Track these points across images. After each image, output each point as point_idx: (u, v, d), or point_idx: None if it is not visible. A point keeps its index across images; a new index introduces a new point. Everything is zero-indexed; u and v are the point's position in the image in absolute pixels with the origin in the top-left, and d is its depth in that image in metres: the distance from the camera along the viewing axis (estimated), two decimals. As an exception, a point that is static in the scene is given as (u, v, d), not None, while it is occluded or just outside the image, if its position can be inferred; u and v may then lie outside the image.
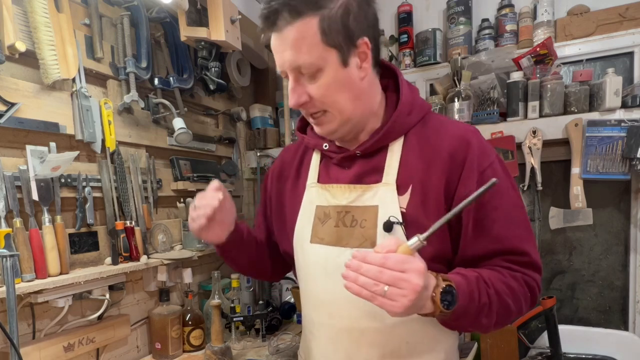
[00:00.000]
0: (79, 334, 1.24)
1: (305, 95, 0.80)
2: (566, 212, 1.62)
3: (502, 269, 0.80)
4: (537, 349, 1.59)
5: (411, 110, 0.86)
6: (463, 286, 0.71)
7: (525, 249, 0.82)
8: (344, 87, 0.80)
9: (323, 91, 0.79)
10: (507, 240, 0.81)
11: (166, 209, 1.66)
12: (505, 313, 0.78)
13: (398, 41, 2.05)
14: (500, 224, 0.81)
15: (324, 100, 0.80)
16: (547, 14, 1.72)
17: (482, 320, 0.75)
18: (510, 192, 0.83)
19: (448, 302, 0.68)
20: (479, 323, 0.76)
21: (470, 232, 0.81)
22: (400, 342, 0.86)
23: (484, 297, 0.74)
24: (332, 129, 0.85)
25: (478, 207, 0.79)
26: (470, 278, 0.74)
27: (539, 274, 0.84)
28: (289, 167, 1.04)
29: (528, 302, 0.82)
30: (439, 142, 0.84)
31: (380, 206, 0.84)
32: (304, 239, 0.93)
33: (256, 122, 2.13)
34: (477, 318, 0.75)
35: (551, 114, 1.56)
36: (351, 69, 0.79)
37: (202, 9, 1.61)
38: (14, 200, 1.09)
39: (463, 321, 0.75)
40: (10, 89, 1.09)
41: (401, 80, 0.88)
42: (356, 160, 0.90)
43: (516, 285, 0.79)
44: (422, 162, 0.83)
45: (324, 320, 0.92)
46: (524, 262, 0.82)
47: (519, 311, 0.81)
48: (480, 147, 0.82)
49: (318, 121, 0.85)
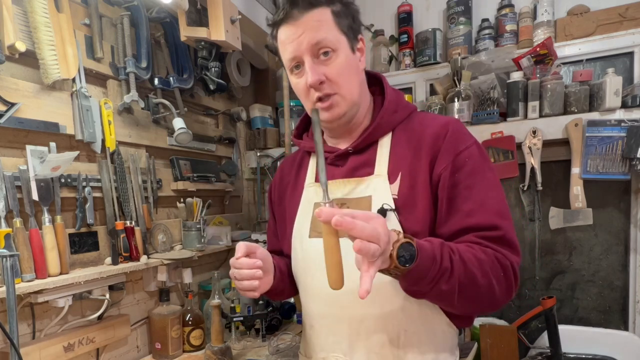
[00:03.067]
0: (79, 334, 1.24)
1: (322, 75, 0.85)
2: (566, 212, 1.62)
3: (473, 244, 0.79)
4: (537, 349, 1.59)
5: (396, 109, 0.94)
6: (425, 247, 0.70)
7: (497, 223, 0.80)
8: (353, 71, 0.89)
9: (338, 70, 0.86)
10: (479, 215, 0.81)
11: (166, 209, 1.66)
12: (470, 284, 0.74)
13: (398, 41, 2.05)
14: (473, 201, 0.82)
15: (339, 80, 0.86)
16: (547, 14, 1.72)
17: (442, 285, 0.72)
18: (487, 173, 0.85)
19: (405, 259, 0.67)
20: (439, 289, 0.73)
21: (444, 210, 0.84)
22: (399, 330, 0.87)
23: (446, 262, 0.72)
24: (341, 112, 0.90)
25: (452, 185, 0.83)
26: (434, 242, 0.73)
27: (516, 254, 0.81)
28: (288, 174, 1.10)
29: (502, 283, 0.78)
30: (425, 131, 0.89)
31: (374, 196, 0.88)
32: (303, 234, 0.97)
33: (256, 122, 2.13)
34: (437, 283, 0.72)
35: (551, 114, 1.56)
36: (356, 57, 0.90)
37: (202, 9, 1.61)
38: (14, 200, 1.09)
39: (422, 284, 0.72)
40: (10, 89, 1.09)
41: (386, 85, 0.97)
42: (349, 157, 0.96)
43: (485, 259, 0.76)
44: (408, 151, 0.89)
45: (323, 311, 0.94)
46: (496, 238, 0.79)
47: (489, 288, 0.76)
48: (457, 132, 0.87)
49: (328, 105, 0.88)
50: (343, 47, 0.86)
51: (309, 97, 0.89)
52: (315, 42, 0.84)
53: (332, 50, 0.85)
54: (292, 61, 0.88)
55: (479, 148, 0.88)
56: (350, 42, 0.88)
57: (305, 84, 0.87)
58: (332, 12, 0.85)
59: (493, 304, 0.80)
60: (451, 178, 0.83)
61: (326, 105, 0.88)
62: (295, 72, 0.89)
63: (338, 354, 0.93)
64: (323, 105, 0.89)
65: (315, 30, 0.83)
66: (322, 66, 0.85)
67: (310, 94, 0.88)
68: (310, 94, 0.88)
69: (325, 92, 0.87)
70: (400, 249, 0.67)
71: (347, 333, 0.91)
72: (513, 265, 0.80)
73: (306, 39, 0.84)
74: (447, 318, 0.90)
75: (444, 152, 0.85)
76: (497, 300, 0.79)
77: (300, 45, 0.85)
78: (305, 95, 0.90)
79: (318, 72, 0.85)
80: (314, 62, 0.85)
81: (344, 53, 0.86)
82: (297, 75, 0.89)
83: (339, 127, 0.95)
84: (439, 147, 0.86)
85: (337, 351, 0.93)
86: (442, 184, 0.84)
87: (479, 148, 0.88)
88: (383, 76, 0.99)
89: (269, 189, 1.18)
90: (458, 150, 0.85)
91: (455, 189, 0.83)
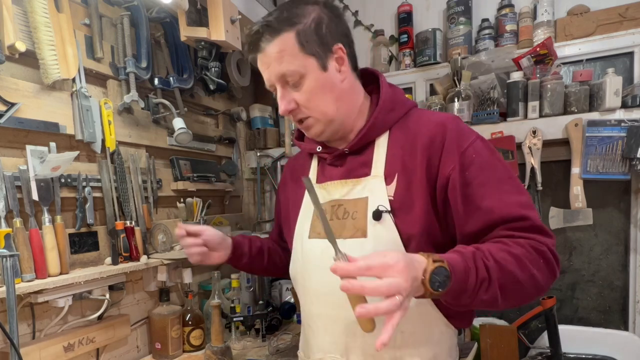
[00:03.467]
0: (79, 334, 1.24)
1: (292, 103, 0.89)
2: (566, 212, 1.62)
3: (504, 239, 0.77)
4: (537, 349, 1.58)
5: (393, 107, 0.92)
6: (458, 264, 0.68)
7: (524, 213, 0.77)
8: (326, 90, 0.88)
9: (307, 96, 0.87)
10: (500, 209, 0.78)
11: (166, 209, 1.66)
12: (511, 284, 0.72)
13: (398, 41, 2.05)
14: (490, 196, 0.79)
15: (308, 105, 0.88)
16: (547, 14, 1.72)
17: (482, 296, 0.71)
18: (498, 166, 0.83)
19: (438, 284, 0.65)
20: (480, 299, 0.71)
21: (461, 210, 0.81)
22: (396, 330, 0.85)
23: (482, 271, 0.70)
24: (319, 131, 0.92)
25: (464, 184, 0.81)
26: (467, 254, 0.71)
27: (549, 237, 0.78)
28: (296, 173, 1.10)
29: (543, 271, 0.75)
30: (420, 130, 0.88)
31: (370, 197, 0.88)
32: (303, 235, 0.98)
33: (256, 122, 2.13)
34: (477, 294, 0.70)
35: (551, 114, 1.56)
36: (330, 72, 0.87)
37: (202, 9, 1.61)
38: (14, 200, 1.09)
39: (462, 299, 0.71)
40: (10, 89, 1.09)
41: (382, 82, 0.95)
42: (346, 157, 0.96)
43: (521, 252, 0.74)
44: (404, 150, 0.88)
45: (321, 312, 0.95)
46: (526, 227, 0.77)
47: (532, 280, 0.74)
48: (458, 129, 0.85)
49: (305, 126, 0.92)
50: (311, 70, 0.85)
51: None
52: (280, 74, 0.86)
53: (299, 77, 0.85)
54: (270, 87, 0.92)
55: (482, 141, 0.85)
56: (320, 60, 0.85)
57: None
58: (297, 34, 0.84)
59: (540, 291, 0.77)
60: (462, 177, 0.81)
61: (303, 126, 0.93)
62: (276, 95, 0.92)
63: (335, 354, 0.93)
64: (301, 127, 0.94)
65: (278, 62, 0.85)
66: (293, 92, 0.88)
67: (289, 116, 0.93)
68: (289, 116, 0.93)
69: (298, 117, 0.91)
70: (433, 274, 0.65)
71: (343, 334, 0.91)
72: (550, 248, 0.77)
73: (273, 72, 0.87)
74: (445, 319, 0.90)
75: (448, 152, 0.83)
76: (542, 287, 0.77)
77: (270, 77, 0.88)
78: None
79: (288, 101, 0.88)
80: (284, 90, 0.88)
81: (313, 76, 0.86)
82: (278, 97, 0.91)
83: (328, 138, 0.96)
84: (439, 146, 0.84)
85: (334, 352, 0.93)
86: (453, 185, 0.81)
87: (482, 141, 0.85)
88: (380, 74, 0.98)
89: (279, 183, 1.25)
90: (463, 148, 0.83)
91: (468, 188, 0.80)
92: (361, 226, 0.87)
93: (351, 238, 0.88)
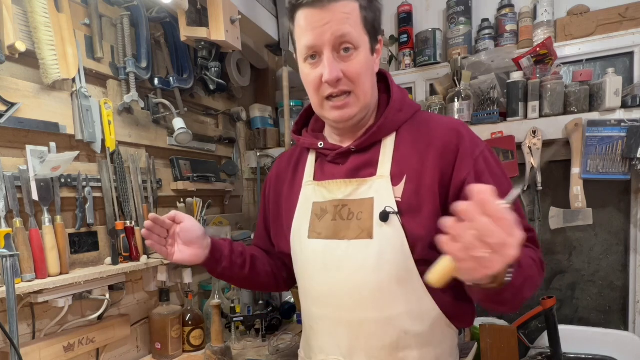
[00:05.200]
0: (79, 334, 1.24)
1: (340, 72, 0.82)
2: (566, 212, 1.62)
3: None
4: (537, 349, 1.58)
5: (402, 107, 0.91)
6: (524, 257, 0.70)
7: (528, 226, 0.83)
8: (370, 72, 0.86)
9: (357, 68, 0.82)
10: None
11: (166, 209, 1.65)
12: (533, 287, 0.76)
13: (398, 41, 2.05)
14: None
15: (356, 79, 0.83)
16: (547, 14, 1.72)
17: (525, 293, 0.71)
18: (503, 177, 0.86)
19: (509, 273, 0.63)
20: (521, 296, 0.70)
21: None
22: (399, 332, 0.86)
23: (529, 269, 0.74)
24: (353, 113, 0.87)
25: None
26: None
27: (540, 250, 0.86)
28: (285, 171, 1.07)
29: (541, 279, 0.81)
30: (431, 133, 0.88)
31: (376, 198, 0.86)
32: (302, 235, 0.95)
33: (256, 122, 2.13)
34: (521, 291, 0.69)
35: (551, 114, 1.56)
36: (374, 59, 0.87)
37: (202, 9, 1.61)
38: (14, 200, 1.09)
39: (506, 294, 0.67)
40: (10, 89, 1.09)
41: (391, 82, 0.95)
42: (350, 156, 0.93)
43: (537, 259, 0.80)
44: (414, 153, 0.87)
45: (323, 313, 0.93)
46: (531, 239, 0.83)
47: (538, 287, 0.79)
48: (470, 137, 0.87)
49: (342, 104, 0.85)
50: (364, 46, 0.83)
51: (320, 92, 0.86)
52: (340, 34, 0.79)
53: (353, 47, 0.81)
54: (309, 50, 0.83)
55: (490, 151, 0.88)
56: (371, 42, 0.85)
57: (318, 77, 0.83)
58: (360, 6, 0.81)
59: None
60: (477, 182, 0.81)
61: (339, 104, 0.85)
62: (310, 62, 0.85)
63: (337, 356, 0.92)
64: (335, 104, 0.86)
65: (342, 22, 0.79)
66: (341, 62, 0.82)
67: (321, 89, 0.85)
68: (322, 89, 0.85)
69: (341, 88, 0.83)
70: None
71: (346, 336, 0.90)
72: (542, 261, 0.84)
73: (331, 30, 0.79)
74: (447, 319, 0.90)
75: (464, 157, 0.83)
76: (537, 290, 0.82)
77: (323, 36, 0.80)
78: (315, 88, 0.86)
79: (337, 69, 0.81)
80: (333, 56, 0.81)
81: (365, 52, 0.83)
82: (311, 66, 0.85)
83: (345, 128, 0.92)
84: (454, 152, 0.84)
85: (337, 353, 0.92)
86: None
87: (490, 151, 0.88)
88: (388, 73, 0.96)
89: (263, 184, 1.15)
90: (475, 155, 0.84)
91: None
92: (367, 227, 0.85)
93: (356, 239, 0.86)
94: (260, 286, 1.15)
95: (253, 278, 1.08)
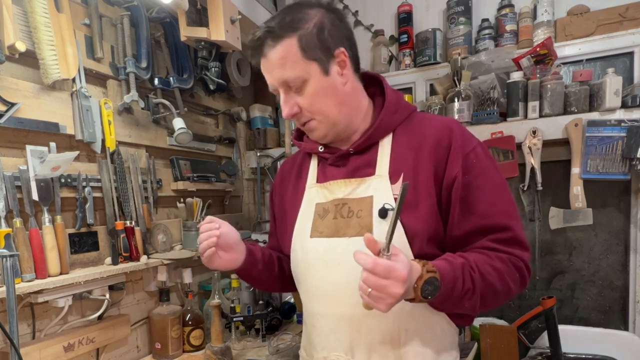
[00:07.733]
0: (79, 334, 1.24)
1: (296, 107, 0.90)
2: (566, 212, 1.62)
3: (489, 251, 0.84)
4: (537, 349, 1.59)
5: (397, 109, 0.94)
6: (447, 274, 0.75)
7: (508, 224, 0.85)
8: (328, 94, 0.89)
9: (310, 100, 0.89)
10: (491, 217, 0.85)
11: (166, 209, 1.66)
12: (491, 294, 0.81)
13: (398, 41, 2.05)
14: (484, 202, 0.85)
15: (311, 109, 0.90)
16: (547, 14, 1.72)
17: (464, 304, 0.80)
18: (493, 173, 0.88)
19: (428, 292, 0.73)
20: (462, 306, 0.81)
21: (457, 212, 0.86)
22: (400, 328, 0.88)
23: (468, 282, 0.77)
24: (323, 134, 0.94)
25: (464, 186, 0.85)
26: (456, 265, 0.78)
27: (526, 251, 0.87)
28: (288, 176, 1.11)
29: (518, 283, 0.85)
30: (425, 131, 0.91)
31: (375, 196, 0.89)
32: (304, 235, 0.98)
33: (256, 122, 2.13)
34: (460, 302, 0.79)
35: (551, 114, 1.56)
36: (333, 76, 0.89)
37: (202, 9, 1.61)
38: (14, 200, 1.09)
39: (446, 305, 0.81)
40: (10, 89, 1.09)
41: (386, 85, 0.98)
42: (350, 158, 0.96)
43: (502, 267, 0.82)
44: (410, 151, 0.90)
45: (325, 310, 0.95)
46: (508, 239, 0.85)
47: (508, 292, 0.84)
48: (462, 134, 0.90)
49: (309, 128, 0.94)
50: (313, 75, 0.87)
51: None
52: (283, 80, 0.87)
53: (301, 83, 0.87)
54: (273, 91, 0.93)
55: (482, 148, 0.90)
56: (322, 65, 0.87)
57: None
58: (299, 39, 0.84)
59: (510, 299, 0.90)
60: (463, 179, 0.85)
61: (307, 129, 0.95)
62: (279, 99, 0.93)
63: (339, 352, 0.93)
64: (305, 129, 0.96)
65: (280, 67, 0.86)
66: (296, 96, 0.89)
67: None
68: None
69: (301, 121, 0.93)
70: (425, 283, 0.72)
71: (348, 332, 0.91)
72: (526, 263, 0.86)
73: (276, 77, 0.88)
74: (447, 317, 0.91)
75: (455, 154, 0.86)
76: (513, 295, 0.87)
77: (273, 80, 0.90)
78: None
79: (291, 105, 0.90)
80: (287, 94, 0.90)
81: (315, 80, 0.87)
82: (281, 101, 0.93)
83: (332, 140, 0.97)
84: (446, 148, 0.87)
85: (338, 350, 0.93)
86: (457, 186, 0.85)
87: (482, 148, 0.90)
88: (382, 77, 1.00)
89: (270, 191, 1.21)
90: (466, 151, 0.87)
91: (466, 190, 0.85)
92: (366, 224, 0.88)
93: (356, 236, 0.88)
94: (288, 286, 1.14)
95: (282, 278, 1.11)
